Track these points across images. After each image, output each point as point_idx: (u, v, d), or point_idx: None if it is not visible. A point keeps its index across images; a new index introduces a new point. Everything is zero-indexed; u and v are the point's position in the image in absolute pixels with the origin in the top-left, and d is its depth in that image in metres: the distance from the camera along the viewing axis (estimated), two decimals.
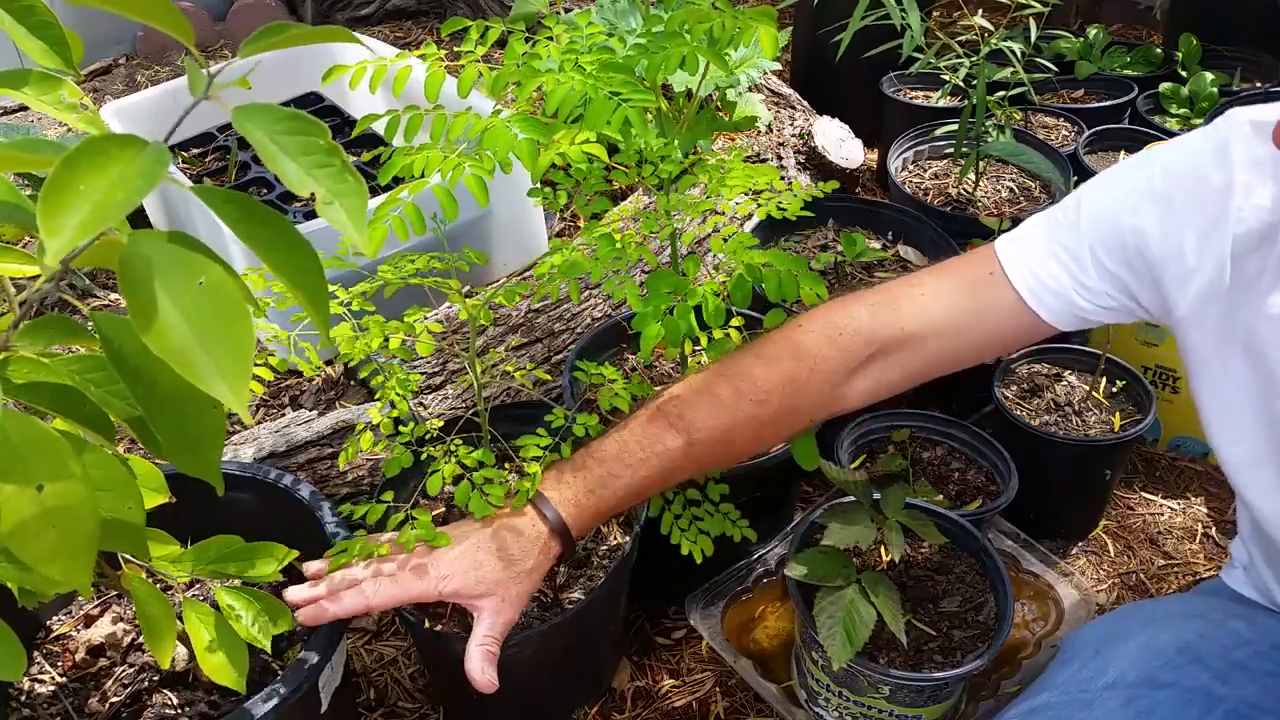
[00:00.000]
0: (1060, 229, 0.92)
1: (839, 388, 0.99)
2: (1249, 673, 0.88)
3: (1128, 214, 0.87)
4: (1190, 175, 0.84)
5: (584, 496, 0.99)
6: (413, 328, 1.10)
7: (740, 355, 1.02)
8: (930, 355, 0.98)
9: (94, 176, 0.41)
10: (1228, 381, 0.86)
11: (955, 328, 0.96)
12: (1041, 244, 0.92)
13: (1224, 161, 0.81)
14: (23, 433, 0.55)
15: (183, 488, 0.96)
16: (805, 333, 1.00)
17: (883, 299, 0.99)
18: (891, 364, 0.99)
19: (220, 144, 1.94)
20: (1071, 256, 0.90)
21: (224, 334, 0.45)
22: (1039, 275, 0.92)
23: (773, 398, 0.98)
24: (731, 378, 1.00)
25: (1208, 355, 0.87)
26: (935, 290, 0.97)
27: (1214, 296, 0.84)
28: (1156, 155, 0.88)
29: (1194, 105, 2.24)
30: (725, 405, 0.99)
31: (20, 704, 1.05)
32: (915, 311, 0.97)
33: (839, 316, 0.99)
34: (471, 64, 1.02)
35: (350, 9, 2.79)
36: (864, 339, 0.97)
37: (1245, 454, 0.88)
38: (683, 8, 0.98)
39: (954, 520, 1.24)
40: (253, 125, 0.47)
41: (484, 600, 0.98)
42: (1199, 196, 0.83)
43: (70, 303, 0.74)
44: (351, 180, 0.47)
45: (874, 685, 1.12)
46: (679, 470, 1.02)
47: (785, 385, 0.98)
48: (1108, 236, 0.88)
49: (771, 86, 2.21)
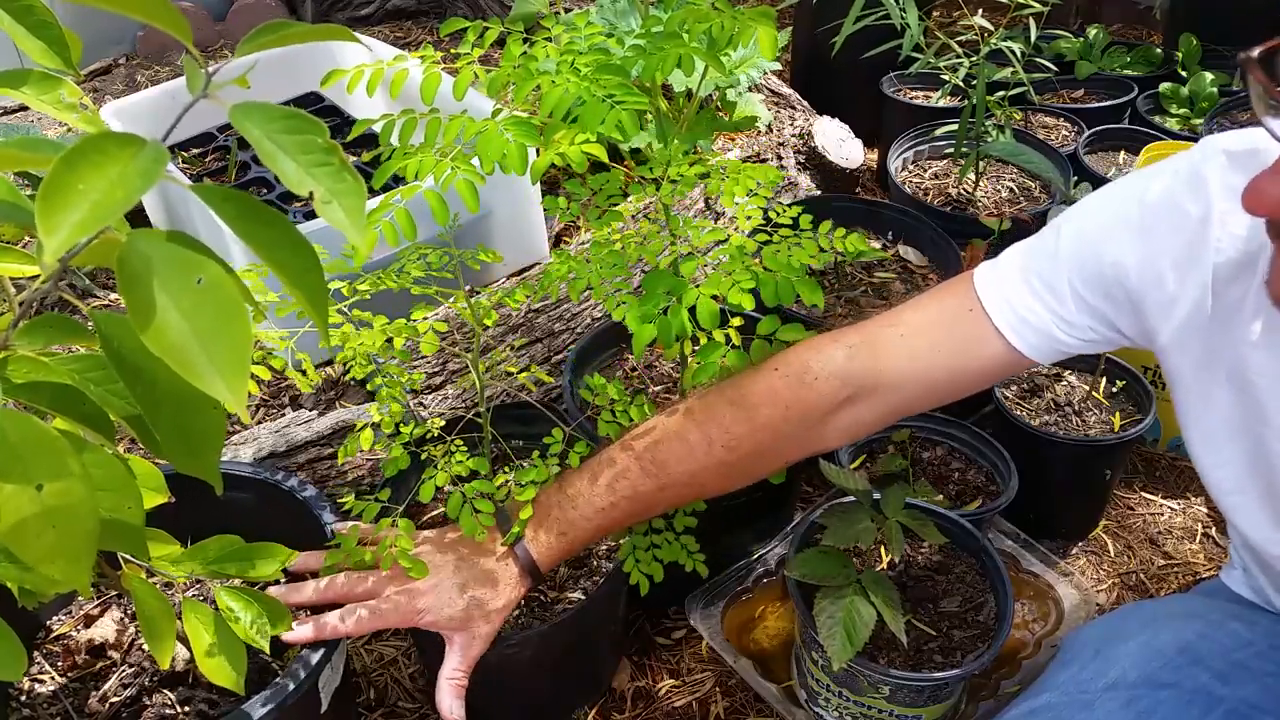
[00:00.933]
0: (1038, 261, 0.91)
1: (815, 429, 0.99)
2: (1249, 673, 0.88)
3: (1106, 244, 0.86)
4: (1167, 205, 0.83)
5: (555, 540, 1.03)
6: (415, 329, 1.10)
7: (715, 397, 1.01)
8: (909, 395, 0.97)
9: (92, 175, 0.41)
10: (1211, 408, 0.86)
11: (934, 367, 0.95)
12: (1019, 278, 0.91)
13: (1199, 193, 0.81)
14: (22, 432, 0.55)
15: (183, 488, 0.95)
16: (780, 377, 0.99)
17: (860, 340, 0.97)
18: (870, 405, 0.98)
19: (220, 144, 1.94)
20: (1050, 290, 0.89)
21: (222, 332, 0.45)
22: (1019, 311, 0.90)
23: (743, 444, 0.99)
24: (703, 423, 1.00)
25: (1191, 382, 0.87)
26: (914, 329, 0.96)
27: (1196, 325, 0.83)
28: (1134, 185, 0.87)
29: (1194, 105, 2.24)
30: (695, 451, 1.00)
31: (20, 704, 1.05)
32: (893, 354, 0.95)
33: (814, 360, 0.98)
34: (468, 66, 1.01)
35: (350, 9, 2.79)
36: (839, 381, 0.96)
37: (1229, 479, 0.88)
38: (682, 8, 0.98)
39: (954, 520, 1.24)
40: (250, 124, 0.47)
41: (456, 634, 1.02)
42: (1177, 226, 0.82)
43: (70, 302, 0.74)
44: (350, 179, 0.47)
45: (874, 685, 1.12)
46: (649, 510, 1.06)
47: (757, 432, 0.99)
48: (1086, 268, 0.87)
49: (771, 86, 2.21)
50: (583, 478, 1.03)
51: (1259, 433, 0.82)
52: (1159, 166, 0.86)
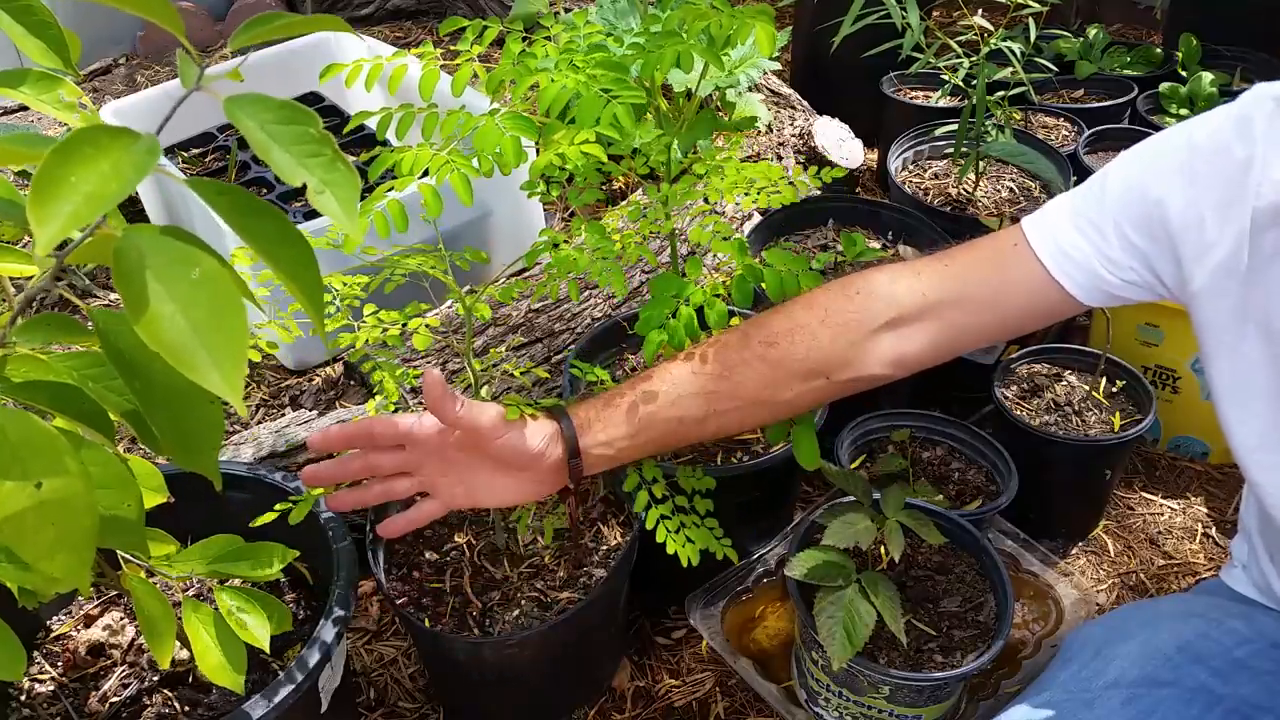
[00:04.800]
0: (1085, 203, 0.92)
1: (856, 345, 0.97)
2: (1249, 671, 0.88)
3: (1151, 186, 0.87)
4: (1213, 148, 0.84)
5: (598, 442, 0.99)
6: (408, 323, 1.10)
7: (767, 311, 1.01)
8: (953, 326, 0.97)
9: (85, 167, 0.41)
10: (1241, 360, 0.86)
11: (978, 299, 0.95)
12: (1067, 218, 0.92)
13: (1246, 136, 0.81)
14: (21, 430, 0.55)
15: (182, 488, 0.96)
16: (821, 289, 0.99)
17: (904, 269, 0.98)
18: (913, 332, 0.97)
19: (220, 144, 1.94)
20: (1096, 229, 0.90)
21: (218, 325, 0.45)
22: (1064, 247, 0.91)
23: (780, 341, 0.97)
24: (748, 326, 1.00)
25: (1222, 332, 0.87)
26: (962, 263, 0.97)
27: (1231, 271, 0.83)
28: (1182, 129, 0.88)
29: (1194, 105, 2.23)
30: (742, 353, 0.98)
31: (20, 704, 1.05)
32: (937, 281, 0.96)
33: (858, 278, 0.98)
34: (467, 63, 1.02)
35: (350, 9, 2.79)
36: (883, 300, 0.96)
37: (1255, 435, 0.87)
38: (681, 7, 0.98)
39: (954, 520, 1.24)
40: (244, 115, 0.47)
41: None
42: (1220, 169, 0.83)
43: (69, 301, 0.74)
44: (343, 169, 0.47)
45: (874, 685, 1.12)
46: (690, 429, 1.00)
47: (796, 330, 0.97)
48: (1131, 208, 0.88)
49: (771, 86, 2.20)
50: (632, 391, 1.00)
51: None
52: (1208, 113, 0.87)
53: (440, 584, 1.18)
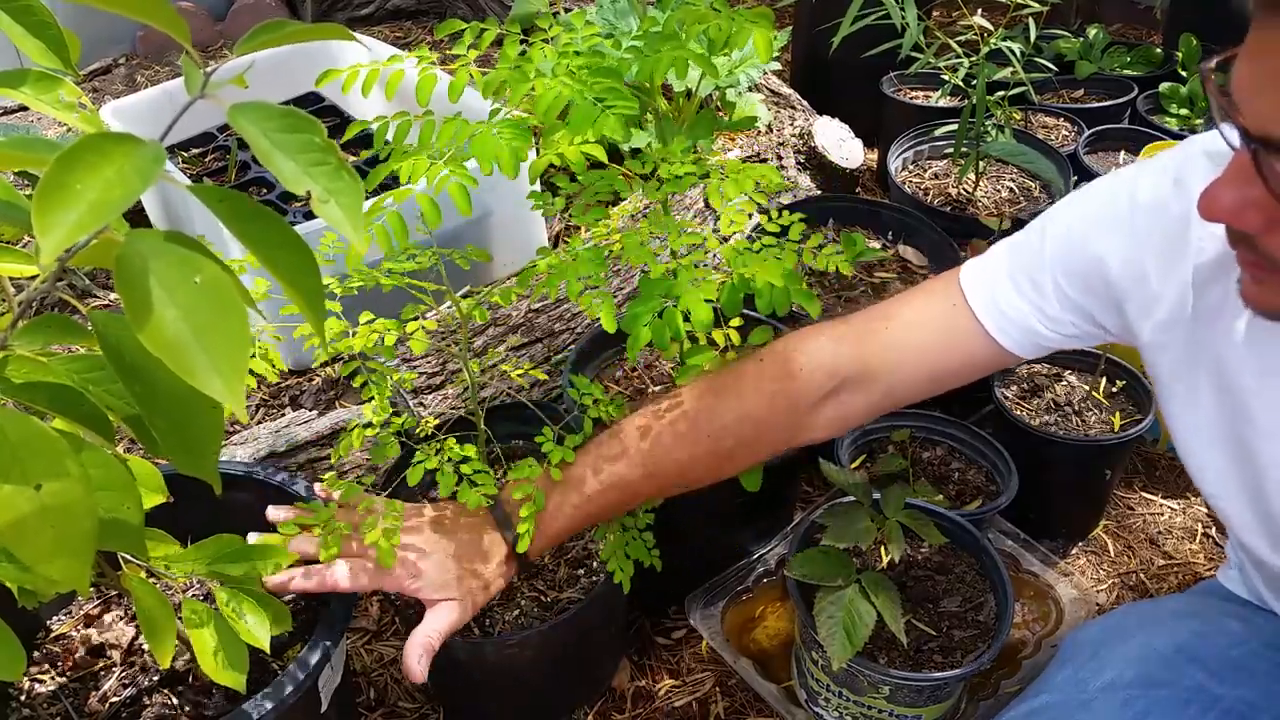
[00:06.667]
0: (1023, 257, 0.92)
1: (802, 418, 0.99)
2: (1246, 672, 0.88)
3: (1090, 239, 0.87)
4: (1151, 203, 0.84)
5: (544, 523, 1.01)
6: (404, 328, 1.10)
7: (704, 387, 1.01)
8: (894, 388, 0.98)
9: (89, 175, 0.41)
10: (1194, 409, 0.86)
11: (919, 359, 0.96)
12: (1005, 274, 0.92)
13: (1181, 192, 0.81)
14: (21, 432, 0.55)
15: (182, 488, 0.96)
16: (766, 367, 0.99)
17: (846, 331, 0.99)
18: (856, 397, 0.99)
19: (220, 144, 1.94)
20: (1033, 286, 0.90)
21: (219, 331, 0.45)
22: (1001, 307, 0.92)
23: (729, 433, 0.99)
24: (691, 412, 1.00)
25: (1173, 382, 0.87)
26: (900, 323, 0.97)
27: (1177, 323, 0.83)
28: (1120, 182, 0.88)
29: (1194, 105, 2.24)
30: (683, 440, 0.99)
31: (20, 704, 1.05)
32: (879, 344, 0.97)
33: (800, 351, 0.99)
34: (463, 68, 1.01)
35: (350, 9, 2.79)
36: (826, 371, 0.97)
37: (1214, 482, 0.88)
38: (680, 8, 0.98)
39: (954, 520, 1.24)
40: (248, 123, 0.47)
41: (445, 603, 0.99)
42: (1160, 225, 0.83)
43: (70, 303, 0.75)
44: (347, 178, 0.47)
45: (874, 685, 1.12)
46: (634, 498, 1.04)
47: (743, 421, 0.99)
48: (1070, 264, 0.88)
49: (771, 86, 2.20)
50: (573, 466, 1.02)
51: (1242, 433, 0.82)
52: (1143, 165, 0.87)
53: None
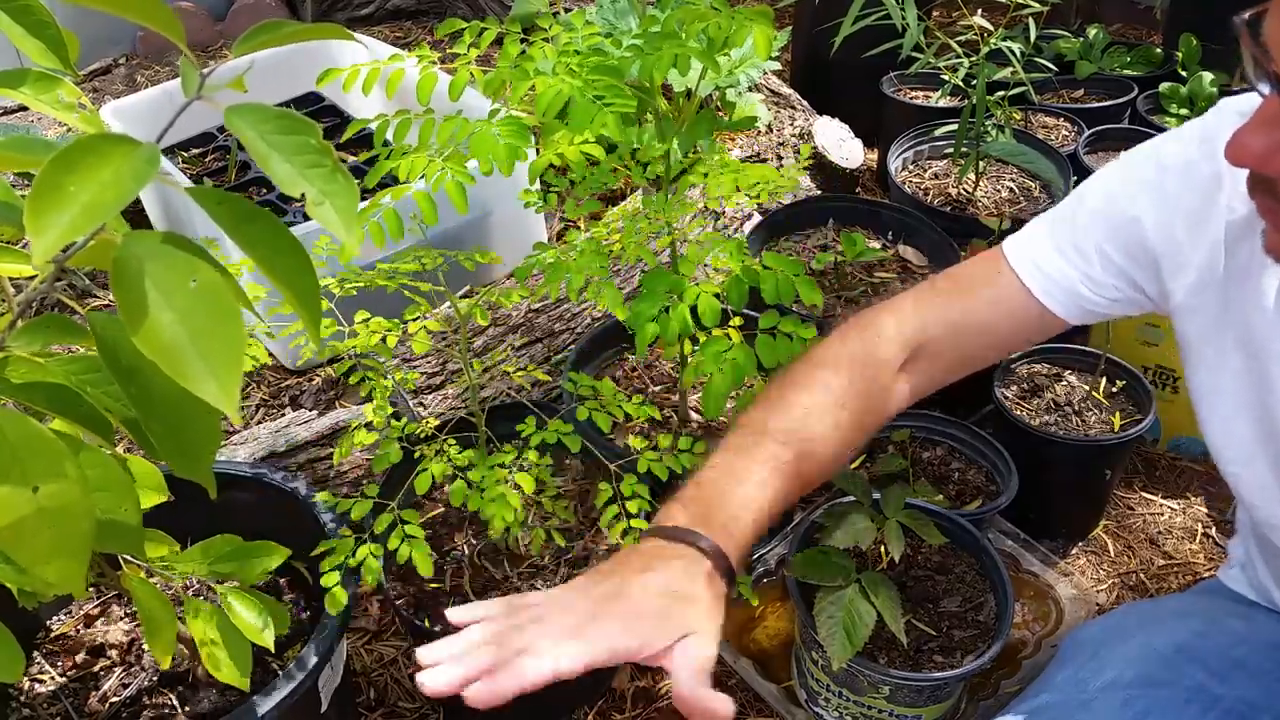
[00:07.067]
0: (1063, 226, 0.93)
1: (888, 392, 0.98)
2: (1247, 671, 0.88)
3: (1126, 205, 0.88)
4: (1182, 165, 0.85)
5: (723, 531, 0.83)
6: (405, 329, 1.10)
7: (801, 368, 0.96)
8: (953, 357, 0.99)
9: (84, 176, 0.41)
10: (1221, 374, 0.87)
11: (973, 329, 0.97)
12: (1047, 241, 0.94)
13: (1212, 152, 0.82)
14: (19, 432, 0.55)
15: (182, 487, 0.96)
16: (848, 344, 0.98)
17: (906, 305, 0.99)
18: (921, 368, 0.99)
19: (221, 144, 1.94)
20: (1077, 251, 0.91)
21: (215, 334, 0.45)
22: (1046, 271, 0.93)
23: (849, 401, 0.93)
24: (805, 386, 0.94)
25: (1202, 346, 0.88)
26: (951, 292, 0.98)
27: (1208, 284, 0.84)
28: (1152, 147, 0.89)
29: (1194, 105, 2.23)
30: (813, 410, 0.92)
31: (20, 704, 1.05)
32: (934, 317, 0.97)
33: (870, 330, 0.98)
34: (464, 67, 1.01)
35: (350, 9, 2.79)
36: (898, 345, 0.97)
37: (1237, 449, 0.88)
38: (680, 7, 0.98)
39: (954, 520, 1.24)
40: (245, 125, 0.47)
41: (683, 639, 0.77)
42: (1190, 185, 0.84)
43: (68, 304, 0.75)
44: (342, 180, 0.47)
45: (874, 685, 1.12)
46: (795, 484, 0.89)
47: (850, 389, 0.94)
48: (1109, 229, 0.90)
49: (771, 86, 2.20)
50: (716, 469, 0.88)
51: (1267, 401, 0.83)
52: (1177, 130, 0.88)
53: (440, 584, 1.18)
